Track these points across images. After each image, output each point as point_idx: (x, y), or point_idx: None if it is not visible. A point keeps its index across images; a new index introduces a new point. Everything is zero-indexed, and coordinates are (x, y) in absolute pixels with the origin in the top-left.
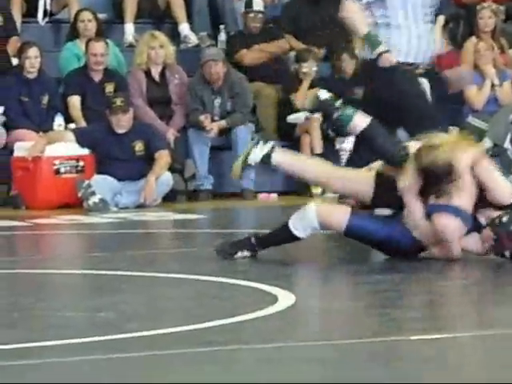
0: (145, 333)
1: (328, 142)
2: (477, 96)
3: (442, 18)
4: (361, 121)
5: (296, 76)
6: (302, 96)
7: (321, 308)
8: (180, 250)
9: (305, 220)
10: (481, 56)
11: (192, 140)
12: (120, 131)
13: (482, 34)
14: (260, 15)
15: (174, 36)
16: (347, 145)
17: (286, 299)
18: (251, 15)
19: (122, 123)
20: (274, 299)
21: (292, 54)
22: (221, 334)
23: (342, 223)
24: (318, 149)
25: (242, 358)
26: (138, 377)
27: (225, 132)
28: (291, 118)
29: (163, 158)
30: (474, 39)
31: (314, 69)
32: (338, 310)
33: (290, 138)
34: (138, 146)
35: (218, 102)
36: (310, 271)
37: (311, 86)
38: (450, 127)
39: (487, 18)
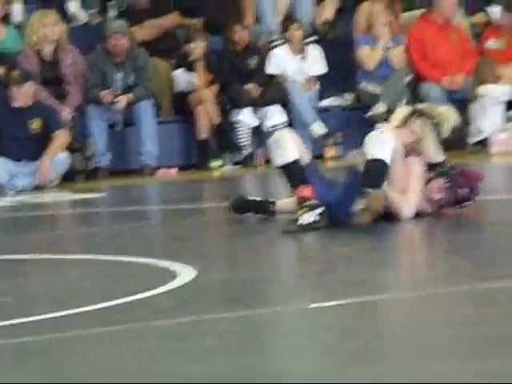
0: (46, 316)
1: (224, 114)
2: (369, 57)
3: None
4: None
5: (187, 56)
6: (201, 78)
7: (221, 281)
8: (79, 230)
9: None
10: (376, 18)
11: (90, 116)
12: (16, 105)
13: None
14: None
15: (62, 15)
16: (243, 116)
17: (186, 274)
18: None
19: (18, 96)
20: (174, 275)
21: (182, 32)
22: (122, 312)
23: None
24: (215, 119)
25: (144, 335)
26: (40, 360)
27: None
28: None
29: (60, 137)
30: (368, 2)
31: (202, 45)
32: (238, 282)
33: (185, 112)
34: (35, 124)
35: (120, 75)
36: (210, 245)
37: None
38: (344, 93)
39: None
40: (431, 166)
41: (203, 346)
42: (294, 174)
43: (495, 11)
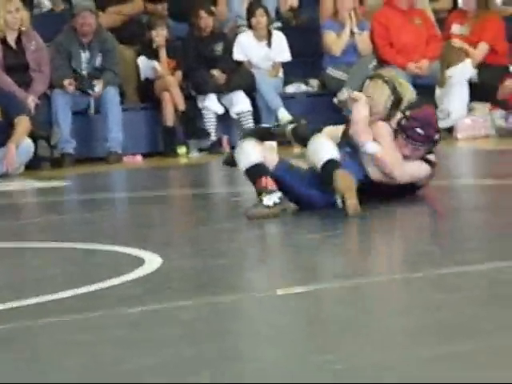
0: (9, 304)
1: (190, 100)
2: (335, 43)
3: None
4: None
5: (150, 43)
6: (164, 65)
7: (188, 268)
8: (43, 218)
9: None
10: (342, 3)
11: (55, 103)
12: None
13: None
14: None
15: (26, 2)
16: (209, 103)
17: (152, 262)
18: None
19: None
20: (140, 262)
21: (146, 18)
22: (87, 300)
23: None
24: (181, 106)
25: (110, 324)
26: (2, 350)
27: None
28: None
29: (22, 123)
30: None
31: (164, 32)
32: (204, 269)
33: (151, 99)
34: None
35: (86, 56)
36: (176, 232)
37: (168, 52)
38: (309, 79)
39: None
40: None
41: (169, 334)
42: (255, 172)
43: None
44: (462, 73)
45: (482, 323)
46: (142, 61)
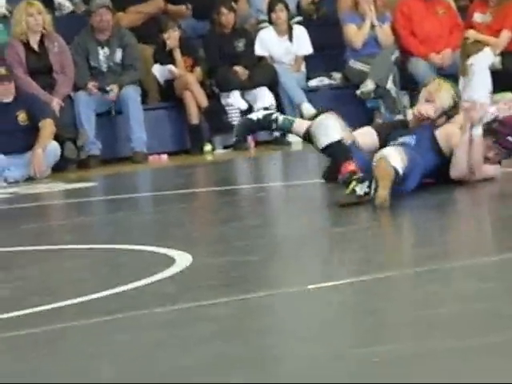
0: (44, 307)
1: (214, 97)
2: (356, 35)
3: None
4: (301, 125)
5: (164, 45)
6: (181, 65)
7: (218, 265)
8: (72, 220)
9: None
10: None
11: (79, 105)
12: (5, 100)
13: None
14: None
15: (48, 4)
16: (232, 99)
17: (182, 260)
18: None
19: (7, 92)
20: (171, 261)
21: (165, 17)
22: (121, 301)
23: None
24: (203, 103)
25: (145, 323)
26: (43, 352)
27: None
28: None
29: (47, 127)
30: None
31: (175, 34)
32: (234, 266)
33: (172, 97)
34: (22, 116)
35: (105, 52)
36: (204, 230)
37: (183, 51)
38: (332, 73)
39: None
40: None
41: (203, 332)
42: (337, 152)
43: None
44: (483, 61)
45: None
46: (157, 69)
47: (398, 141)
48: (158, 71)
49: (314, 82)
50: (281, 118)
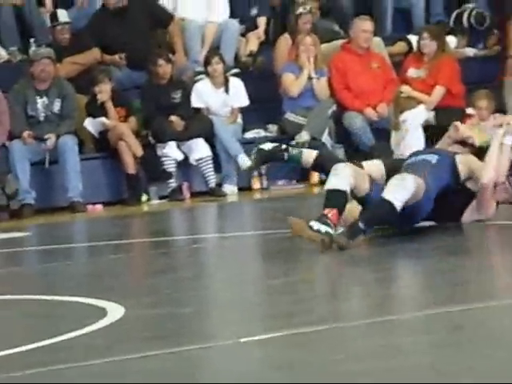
0: None
1: (150, 148)
2: (293, 84)
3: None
4: (309, 155)
5: (96, 98)
6: (113, 117)
7: (151, 317)
8: (4, 270)
9: (405, 190)
10: (305, 48)
11: (13, 154)
12: None
13: (299, 30)
14: (67, 26)
15: None
16: (168, 150)
17: (115, 312)
18: (58, 28)
19: None
20: (103, 313)
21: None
22: (51, 353)
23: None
24: (139, 153)
25: (74, 376)
26: None
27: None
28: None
29: None
30: (286, 35)
31: (107, 87)
32: (167, 318)
33: (107, 148)
34: None
35: (43, 102)
36: (138, 281)
37: (116, 102)
38: (268, 125)
39: (304, 14)
40: None
41: None
42: (332, 198)
43: (415, 39)
44: (416, 117)
45: None
46: (89, 122)
47: (419, 157)
48: (91, 124)
49: (250, 134)
50: (290, 148)
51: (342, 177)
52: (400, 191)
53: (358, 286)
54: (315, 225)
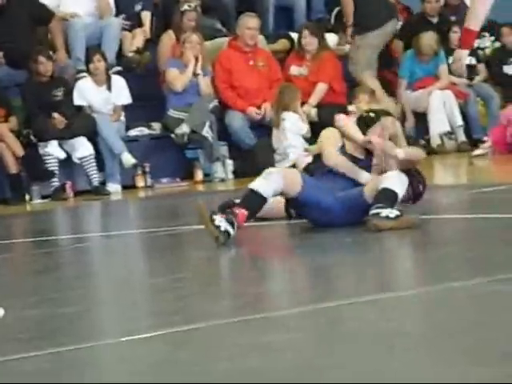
0: None
1: (31, 146)
2: (176, 79)
3: (148, 14)
4: None
5: None
6: None
7: (30, 318)
8: None
9: (270, 181)
10: (191, 47)
11: None
12: None
13: (184, 27)
14: None
15: None
16: (50, 148)
17: None
18: None
19: None
20: None
21: None
22: None
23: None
24: (19, 153)
25: None
26: None
27: None
28: None
29: None
30: (170, 32)
31: None
32: (48, 319)
33: None
34: None
35: None
36: (18, 281)
37: None
38: (152, 123)
39: (189, 12)
40: None
41: None
42: (250, 199)
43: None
44: (297, 125)
45: None
46: None
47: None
48: None
49: (133, 132)
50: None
51: (270, 183)
52: None
53: (238, 282)
54: (217, 219)
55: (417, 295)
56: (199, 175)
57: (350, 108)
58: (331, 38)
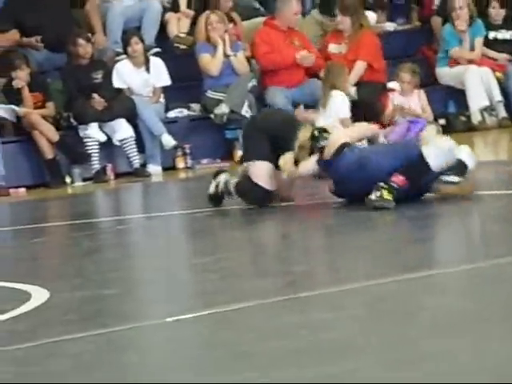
0: None
1: (71, 129)
2: (210, 63)
3: None
4: None
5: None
6: (29, 104)
7: (75, 300)
8: None
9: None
10: (213, 28)
11: None
12: None
13: (221, 7)
14: None
15: None
16: (90, 131)
17: (39, 295)
18: None
19: None
20: (27, 297)
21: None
22: None
23: None
24: (54, 138)
25: None
26: None
27: None
28: None
29: None
30: (207, 13)
31: (24, 73)
32: (92, 300)
33: (26, 132)
34: None
35: None
36: (62, 264)
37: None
38: (191, 104)
39: None
40: None
41: (58, 368)
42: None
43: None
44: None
45: None
46: (2, 109)
47: None
48: (3, 110)
49: (172, 113)
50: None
51: None
52: None
53: (281, 261)
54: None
55: (466, 271)
56: (239, 155)
57: (391, 85)
58: (370, 16)
